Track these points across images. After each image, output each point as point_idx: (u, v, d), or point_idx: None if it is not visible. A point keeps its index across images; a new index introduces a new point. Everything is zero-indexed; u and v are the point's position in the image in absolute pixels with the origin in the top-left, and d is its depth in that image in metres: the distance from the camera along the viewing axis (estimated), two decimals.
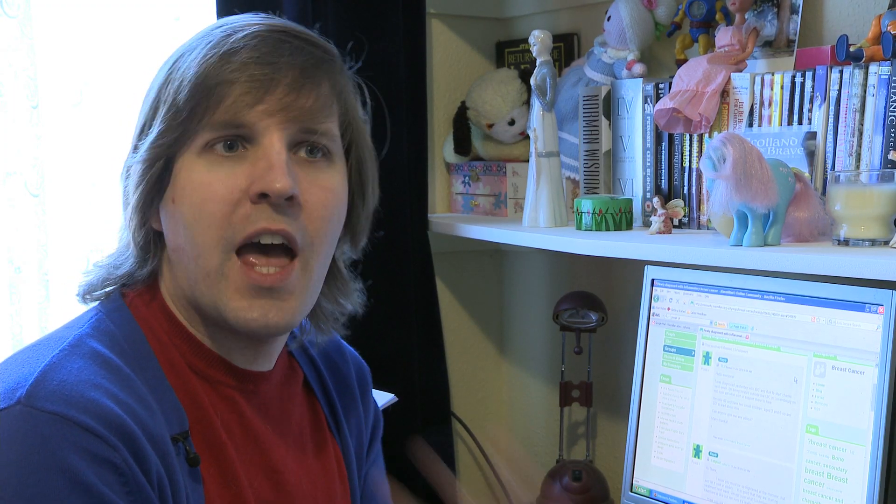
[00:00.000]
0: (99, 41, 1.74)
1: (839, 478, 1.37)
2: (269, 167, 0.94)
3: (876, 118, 1.36)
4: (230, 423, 1.00)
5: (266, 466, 1.03)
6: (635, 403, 1.67)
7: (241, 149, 0.96)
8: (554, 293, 2.04)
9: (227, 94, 0.94)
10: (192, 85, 0.95)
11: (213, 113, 0.94)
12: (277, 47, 0.97)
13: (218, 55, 0.95)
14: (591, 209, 1.66)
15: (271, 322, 0.97)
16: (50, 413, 0.85)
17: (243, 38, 0.96)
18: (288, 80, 0.96)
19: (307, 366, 1.15)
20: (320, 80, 0.98)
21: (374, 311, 1.91)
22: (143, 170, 0.97)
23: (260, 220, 0.94)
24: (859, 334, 1.37)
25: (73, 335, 0.95)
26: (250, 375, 1.04)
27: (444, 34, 2.15)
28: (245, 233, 0.95)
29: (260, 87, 0.95)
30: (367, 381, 1.24)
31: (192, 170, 0.95)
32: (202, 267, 0.96)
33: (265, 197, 0.94)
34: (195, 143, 0.95)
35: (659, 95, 1.67)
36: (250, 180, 0.94)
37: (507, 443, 1.75)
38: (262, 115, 0.95)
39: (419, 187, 1.99)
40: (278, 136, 0.95)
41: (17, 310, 1.67)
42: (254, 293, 0.96)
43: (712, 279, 1.58)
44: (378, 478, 1.25)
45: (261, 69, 0.95)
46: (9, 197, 1.66)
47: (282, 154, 0.95)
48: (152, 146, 0.96)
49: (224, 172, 0.95)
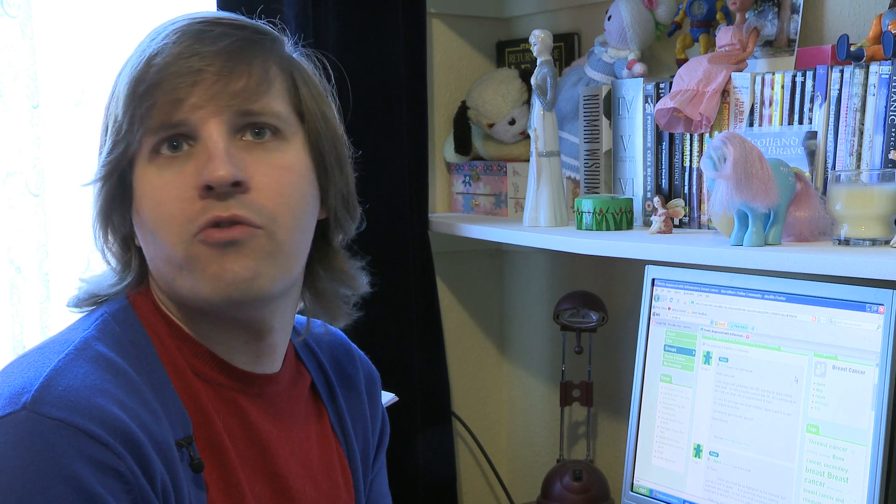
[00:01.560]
0: (99, 41, 1.74)
1: (840, 477, 1.37)
2: (208, 158, 0.93)
3: (876, 118, 1.36)
4: (232, 427, 1.00)
5: (269, 471, 1.02)
6: (636, 403, 1.67)
7: (187, 146, 0.95)
8: (554, 293, 2.04)
9: (157, 96, 0.94)
10: (125, 96, 0.95)
11: (148, 118, 0.94)
12: (198, 38, 0.96)
13: (143, 61, 0.95)
14: (592, 209, 1.66)
15: (240, 276, 0.94)
16: (56, 420, 0.84)
17: (164, 38, 0.96)
18: (214, 68, 0.94)
19: (315, 369, 1.14)
20: (251, 59, 0.96)
21: (375, 311, 1.92)
22: (100, 187, 0.98)
23: (210, 210, 0.93)
24: (860, 334, 1.37)
25: (79, 338, 0.95)
26: (254, 378, 1.03)
27: (445, 34, 2.15)
28: (199, 223, 0.93)
29: (186, 82, 0.94)
30: (376, 387, 1.23)
31: (146, 177, 0.96)
32: (173, 264, 0.96)
33: (211, 189, 0.93)
34: (142, 151, 0.96)
35: (659, 95, 1.67)
36: (197, 175, 0.94)
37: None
38: (194, 108, 0.94)
39: (419, 187, 1.99)
40: (215, 125, 0.94)
41: (18, 310, 1.67)
42: (220, 252, 0.94)
43: (713, 279, 1.58)
44: (381, 487, 1.25)
45: (185, 62, 0.94)
46: (9, 197, 1.66)
47: (219, 143, 0.94)
48: (104, 164, 0.97)
49: (173, 173, 0.95)
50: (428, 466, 1.99)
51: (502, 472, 2.20)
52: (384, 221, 1.93)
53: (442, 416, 2.07)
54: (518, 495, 2.15)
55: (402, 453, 1.89)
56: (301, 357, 1.13)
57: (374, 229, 1.92)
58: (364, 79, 1.90)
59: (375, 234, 1.91)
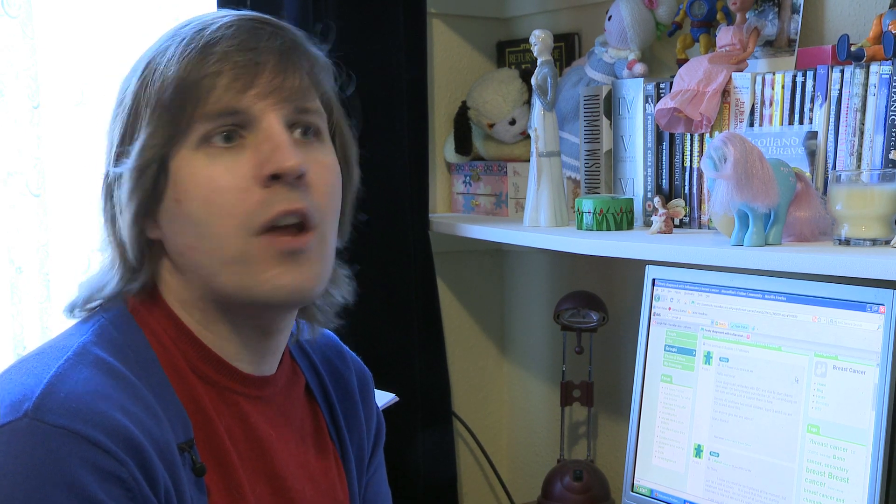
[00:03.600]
0: (100, 41, 1.74)
1: (840, 477, 1.37)
2: (275, 147, 0.93)
3: (877, 118, 1.36)
4: (233, 429, 0.99)
5: (268, 472, 1.02)
6: (636, 403, 1.67)
7: (239, 138, 0.94)
8: (555, 293, 2.04)
9: (216, 85, 0.93)
10: (176, 82, 0.93)
11: (204, 105, 0.93)
12: (255, 33, 0.96)
13: (197, 49, 0.94)
14: (592, 209, 1.66)
15: (301, 286, 0.95)
16: (58, 427, 0.84)
17: (218, 30, 0.95)
18: (271, 64, 0.95)
19: (308, 370, 1.14)
20: (300, 61, 0.97)
21: (375, 310, 1.93)
22: (136, 176, 0.94)
23: (277, 202, 0.93)
24: (860, 334, 1.37)
25: (78, 343, 0.94)
26: (255, 380, 1.03)
27: (445, 34, 2.15)
28: (264, 217, 0.93)
29: (248, 73, 0.94)
30: (368, 387, 1.23)
31: (193, 166, 0.94)
32: (223, 257, 0.94)
33: (277, 178, 0.93)
34: (190, 139, 0.94)
35: (660, 95, 1.67)
36: (256, 166, 0.93)
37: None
38: (256, 98, 0.94)
39: (420, 187, 1.99)
40: (275, 117, 0.94)
41: (19, 310, 1.67)
42: (282, 259, 0.94)
43: (713, 279, 1.58)
44: (380, 486, 1.24)
45: (244, 55, 0.94)
46: (10, 197, 1.66)
47: (284, 133, 0.94)
48: (143, 150, 0.94)
49: (227, 163, 0.93)
50: (428, 466, 1.99)
51: (503, 472, 2.20)
52: (384, 221, 1.93)
53: (442, 416, 2.07)
54: (518, 495, 2.15)
55: (402, 453, 1.89)
56: (295, 358, 1.13)
57: (375, 229, 1.93)
58: (364, 79, 1.89)
59: (376, 234, 1.92)
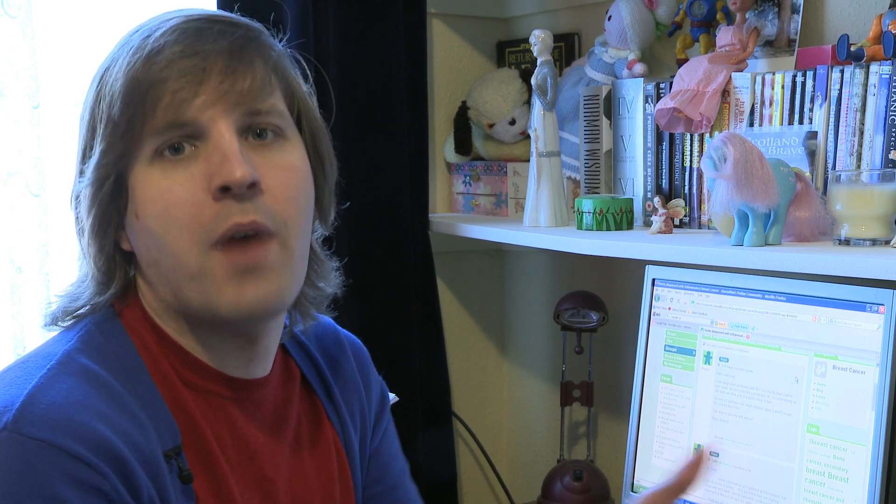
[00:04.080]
0: (100, 41, 1.73)
1: (840, 478, 1.37)
2: (223, 159, 0.90)
3: (877, 118, 1.36)
4: (222, 435, 0.98)
5: (258, 476, 1.01)
6: (636, 403, 1.67)
7: (191, 147, 0.92)
8: (555, 293, 2.04)
9: (161, 96, 0.91)
10: (122, 95, 0.91)
11: (151, 118, 0.91)
12: (200, 36, 0.92)
13: (142, 59, 0.91)
14: (592, 209, 1.66)
15: (263, 301, 0.93)
16: (37, 440, 0.83)
17: (162, 35, 0.92)
18: (219, 67, 0.92)
19: (305, 363, 1.12)
20: (252, 58, 0.94)
21: (375, 310, 1.93)
22: (93, 193, 0.93)
23: (229, 215, 0.91)
24: (860, 334, 1.37)
25: (62, 350, 0.93)
26: (244, 384, 1.01)
27: (445, 34, 2.15)
28: (218, 232, 0.91)
29: (192, 80, 0.91)
30: (366, 362, 1.20)
31: (148, 181, 0.92)
32: (183, 272, 0.93)
33: (227, 190, 0.90)
34: (142, 153, 0.92)
35: (660, 95, 1.67)
36: (207, 178, 0.91)
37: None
38: (203, 107, 0.91)
39: (420, 187, 1.99)
40: (225, 124, 0.92)
41: (19, 310, 1.67)
42: (241, 275, 0.92)
43: (713, 279, 1.58)
44: (390, 452, 1.22)
45: (189, 61, 0.91)
46: (10, 197, 1.66)
47: (233, 142, 0.91)
48: (98, 167, 0.93)
49: (180, 175, 0.91)
50: (428, 466, 1.99)
51: (503, 472, 2.20)
52: (384, 221, 1.93)
53: (442, 416, 2.07)
54: (518, 495, 2.15)
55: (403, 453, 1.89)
56: (290, 351, 1.11)
57: (375, 229, 1.93)
58: (364, 79, 1.90)
59: (375, 234, 1.92)
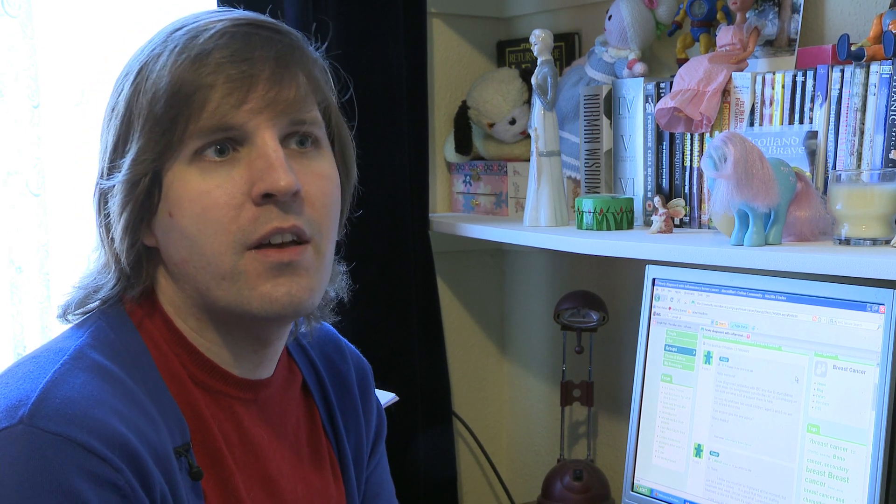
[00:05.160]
0: (100, 41, 1.74)
1: (840, 477, 1.37)
2: (269, 166, 0.92)
3: (877, 117, 1.36)
4: (229, 434, 0.99)
5: (263, 476, 1.01)
6: (636, 403, 1.67)
7: (233, 151, 0.93)
8: (555, 292, 2.04)
9: (209, 99, 0.91)
10: (168, 94, 0.91)
11: (197, 120, 0.92)
12: (248, 42, 0.93)
13: (189, 59, 0.92)
14: (592, 208, 1.66)
15: (296, 298, 0.95)
16: (53, 434, 0.83)
17: (211, 38, 0.93)
18: (266, 75, 0.93)
19: (306, 368, 1.13)
20: (296, 69, 0.96)
21: (375, 310, 1.93)
22: (129, 188, 0.93)
23: (269, 220, 0.93)
24: (860, 334, 1.37)
25: (74, 346, 0.93)
26: (250, 384, 1.02)
27: (445, 33, 2.15)
28: (256, 235, 0.93)
29: (241, 86, 0.92)
30: (368, 382, 1.22)
31: (186, 180, 0.93)
32: (215, 272, 0.94)
33: (270, 197, 0.92)
34: (183, 152, 0.93)
35: (660, 95, 1.67)
36: (250, 182, 0.92)
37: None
38: (250, 114, 0.92)
39: (420, 187, 2.00)
40: (270, 132, 0.93)
41: (19, 310, 1.67)
42: (275, 273, 0.94)
43: (713, 278, 1.58)
44: (382, 478, 1.24)
45: (237, 67, 0.92)
46: (10, 197, 1.66)
47: (278, 151, 0.93)
48: (135, 162, 0.93)
49: (220, 178, 0.93)
50: (428, 466, 1.99)
51: (503, 472, 2.20)
52: (384, 221, 1.93)
53: (442, 416, 2.07)
54: (518, 495, 2.15)
55: (402, 453, 1.89)
56: (293, 355, 1.12)
57: (375, 229, 1.93)
58: (364, 79, 1.90)
59: (376, 234, 1.92)
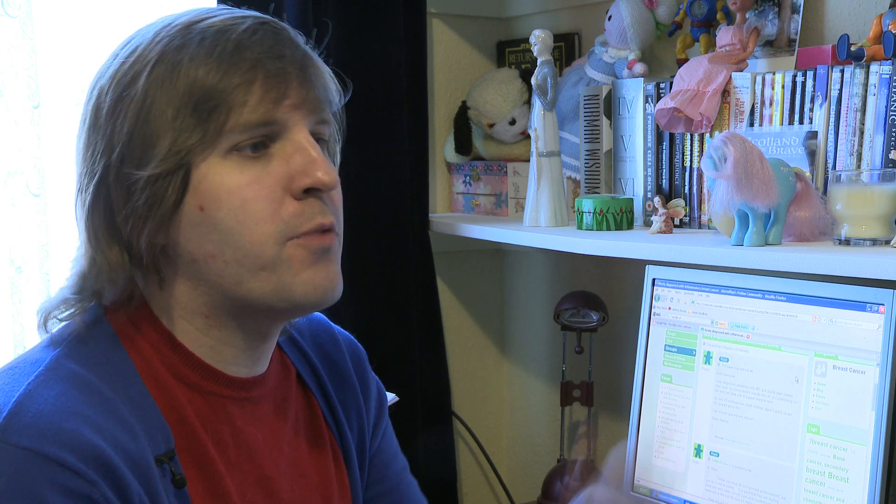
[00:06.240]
0: (100, 41, 1.74)
1: (840, 477, 1.37)
2: (310, 161, 0.93)
3: (877, 117, 1.36)
4: (220, 436, 0.98)
5: (259, 475, 1.00)
6: (636, 403, 1.67)
7: (264, 148, 0.94)
8: (555, 293, 2.04)
9: (250, 93, 0.91)
10: (207, 86, 0.90)
11: (238, 115, 0.91)
12: (278, 40, 0.94)
13: (227, 53, 0.91)
14: (592, 209, 1.66)
15: (333, 283, 0.97)
16: (25, 449, 0.82)
17: (245, 33, 0.93)
18: (296, 72, 0.94)
19: (299, 360, 1.12)
20: (319, 69, 0.98)
21: (375, 310, 1.93)
22: (159, 183, 0.91)
23: (313, 215, 0.94)
24: (860, 334, 1.37)
25: (50, 356, 0.92)
26: (243, 382, 1.01)
27: (445, 34, 2.15)
28: (301, 229, 0.94)
29: (280, 83, 0.92)
30: (363, 364, 1.21)
31: (221, 174, 0.92)
32: (254, 264, 0.93)
33: (311, 191, 0.94)
34: (219, 146, 0.92)
35: (660, 95, 1.67)
36: (286, 177, 0.93)
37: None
38: (289, 109, 0.93)
39: (420, 187, 1.99)
40: (304, 129, 0.95)
41: (19, 310, 1.67)
42: (315, 259, 0.95)
43: (713, 279, 1.58)
44: (390, 452, 1.22)
45: (274, 64, 0.92)
46: (10, 197, 1.66)
47: (317, 147, 0.95)
48: (168, 155, 0.90)
49: (257, 172, 0.93)
50: (428, 466, 1.99)
51: (503, 472, 2.20)
52: (384, 221, 1.93)
53: (442, 416, 2.07)
54: (518, 495, 2.15)
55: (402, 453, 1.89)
56: (284, 349, 1.11)
57: (375, 229, 1.93)
58: (364, 79, 1.90)
59: (376, 234, 1.92)
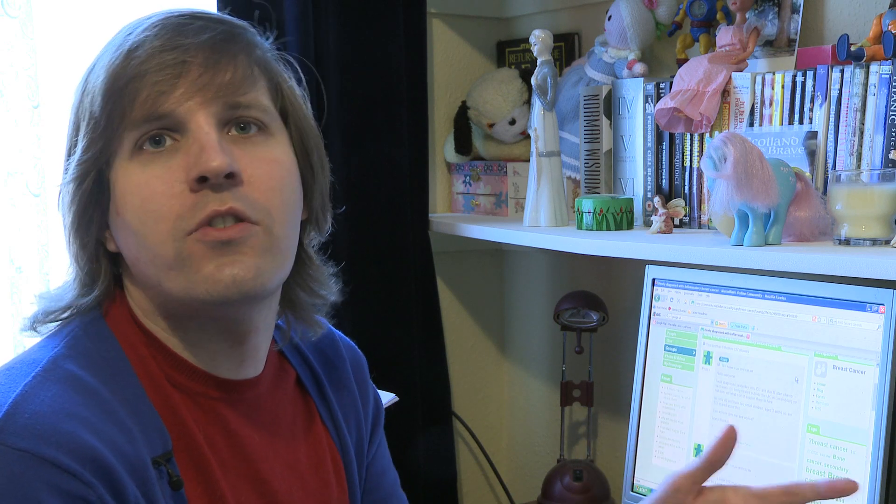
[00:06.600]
0: (100, 41, 1.73)
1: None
2: (201, 149, 0.90)
3: (877, 117, 1.36)
4: (214, 437, 0.97)
5: (254, 478, 1.00)
6: (636, 403, 1.67)
7: (172, 141, 0.92)
8: (555, 293, 2.04)
9: (140, 89, 0.91)
10: (103, 91, 0.92)
11: (130, 112, 0.91)
12: (180, 31, 0.93)
13: (122, 54, 0.92)
14: (592, 209, 1.66)
15: (239, 278, 0.91)
16: (21, 450, 0.82)
17: (143, 31, 0.93)
18: (199, 60, 0.92)
19: (300, 365, 1.11)
20: (235, 52, 0.94)
21: (375, 310, 1.93)
22: (74, 189, 0.94)
23: (206, 204, 0.91)
24: (860, 334, 1.37)
25: (48, 357, 0.92)
26: (234, 384, 1.00)
27: (445, 34, 2.16)
28: (194, 221, 0.91)
29: (172, 73, 0.91)
30: (363, 371, 1.20)
31: (128, 176, 0.92)
32: (162, 263, 0.92)
33: (205, 181, 0.90)
34: (122, 148, 0.92)
35: (660, 95, 1.67)
36: (186, 169, 0.91)
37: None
38: (181, 99, 0.91)
39: (420, 187, 2.00)
40: (204, 117, 0.92)
41: (19, 310, 1.67)
42: (218, 252, 0.91)
43: (713, 279, 1.58)
44: (383, 464, 1.22)
45: (168, 55, 0.91)
46: (10, 197, 1.66)
47: (211, 133, 0.91)
48: (79, 163, 0.93)
49: (159, 168, 0.91)
50: (428, 466, 1.99)
51: (503, 472, 2.20)
52: (384, 221, 1.93)
53: (442, 416, 2.07)
54: (518, 495, 2.15)
55: (402, 453, 1.89)
56: (284, 353, 1.10)
57: (375, 229, 1.93)
58: (364, 79, 1.90)
59: (375, 234, 1.92)
